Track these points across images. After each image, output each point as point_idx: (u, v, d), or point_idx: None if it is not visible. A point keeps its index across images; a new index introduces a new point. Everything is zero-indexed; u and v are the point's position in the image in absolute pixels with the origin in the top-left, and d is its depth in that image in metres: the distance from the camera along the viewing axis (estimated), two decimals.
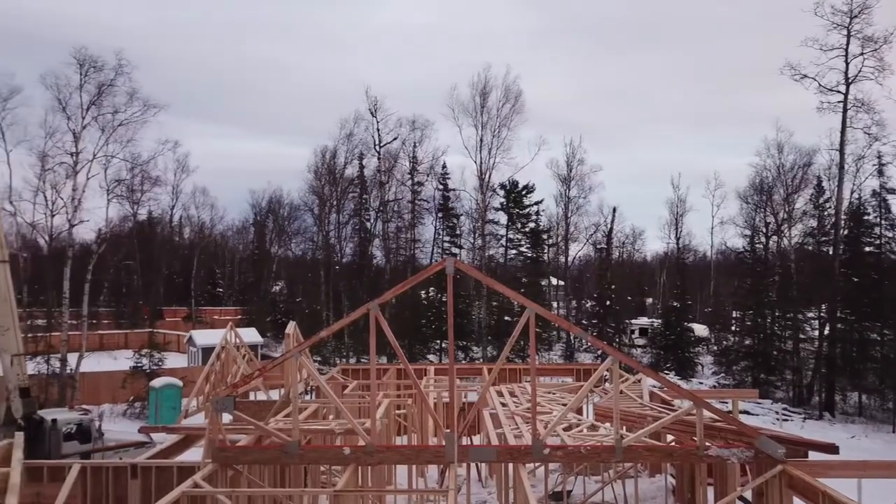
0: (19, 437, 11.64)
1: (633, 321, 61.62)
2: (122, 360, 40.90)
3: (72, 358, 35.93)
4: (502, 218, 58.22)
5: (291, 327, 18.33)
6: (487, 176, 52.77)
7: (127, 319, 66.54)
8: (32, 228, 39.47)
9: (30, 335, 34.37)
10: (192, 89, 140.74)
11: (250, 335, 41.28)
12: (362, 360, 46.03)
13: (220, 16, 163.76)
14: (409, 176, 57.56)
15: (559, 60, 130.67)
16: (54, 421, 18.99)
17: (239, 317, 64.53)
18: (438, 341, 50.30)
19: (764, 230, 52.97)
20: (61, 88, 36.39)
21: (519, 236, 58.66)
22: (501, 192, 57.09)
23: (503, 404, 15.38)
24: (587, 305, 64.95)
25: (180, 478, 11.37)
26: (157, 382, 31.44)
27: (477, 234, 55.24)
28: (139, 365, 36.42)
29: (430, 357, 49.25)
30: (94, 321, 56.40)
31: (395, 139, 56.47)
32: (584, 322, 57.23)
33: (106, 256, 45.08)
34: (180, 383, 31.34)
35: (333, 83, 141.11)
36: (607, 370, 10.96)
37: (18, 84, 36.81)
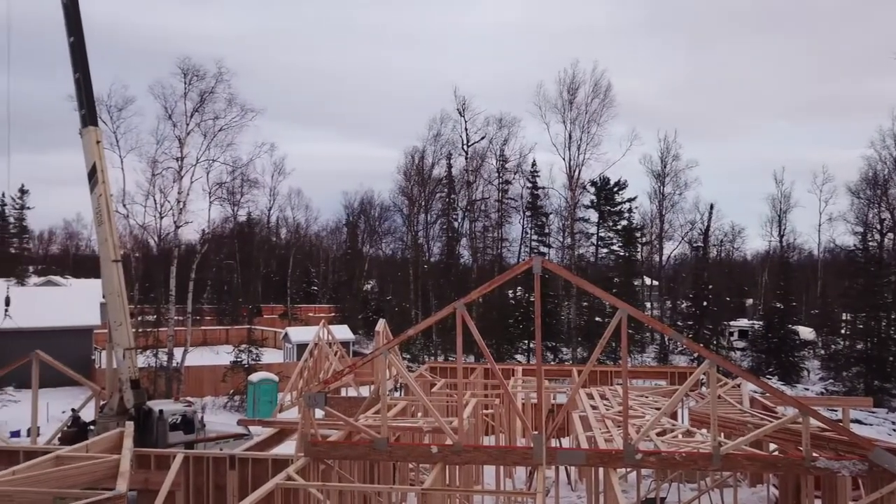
0: (130, 426, 12.35)
1: (732, 323, 58.94)
2: (223, 355, 42.88)
3: (177, 352, 38.03)
4: (593, 216, 57.08)
5: (381, 325, 18.62)
6: (577, 173, 51.91)
7: (228, 316, 69.74)
8: (143, 230, 42.02)
9: (140, 330, 36.53)
10: (288, 94, 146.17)
11: (342, 332, 42.33)
12: (450, 359, 46.29)
13: (311, 23, 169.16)
14: (497, 174, 57.41)
15: (650, 52, 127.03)
16: (161, 412, 20.05)
17: (332, 314, 66.35)
18: (526, 341, 49.88)
19: (878, 227, 49.40)
20: (168, 98, 38.60)
21: (610, 234, 57.31)
22: (592, 190, 55.97)
23: (593, 407, 15.02)
24: (682, 306, 62.62)
25: (275, 470, 11.74)
26: (254, 377, 32.71)
27: (566, 233, 54.37)
28: (238, 360, 38.09)
29: (518, 357, 48.91)
30: (198, 317, 59.41)
31: (482, 138, 56.49)
32: (679, 324, 55.21)
33: (208, 256, 47.45)
34: (276, 378, 32.48)
35: (423, 85, 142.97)
36: (704, 374, 10.47)
37: (131, 95, 39.10)
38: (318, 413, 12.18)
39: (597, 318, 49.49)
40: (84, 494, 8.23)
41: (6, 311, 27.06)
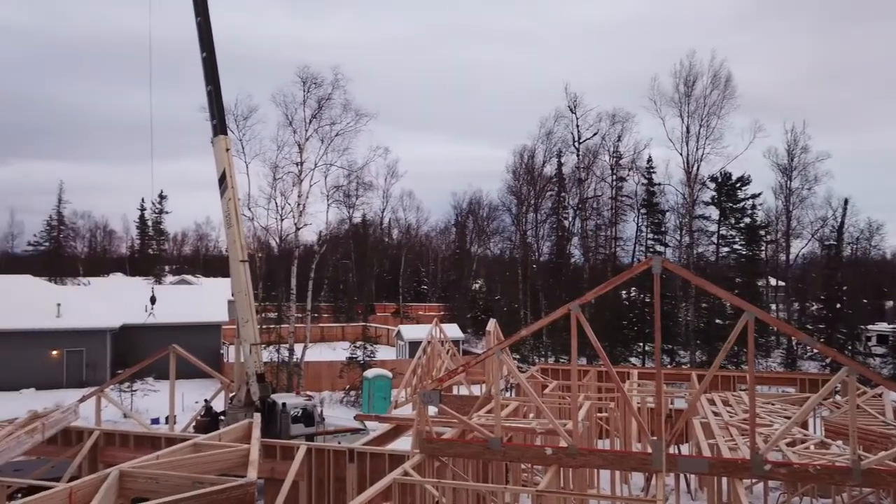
0: (257, 417, 13.08)
1: (871, 327, 54.47)
2: (339, 351, 44.49)
3: (297, 348, 39.84)
4: (713, 213, 54.33)
5: (492, 325, 18.63)
6: (695, 168, 49.72)
7: (343, 314, 72.31)
8: (266, 231, 44.31)
9: (263, 327, 38.59)
10: (400, 98, 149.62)
11: (452, 331, 42.82)
12: (560, 360, 45.66)
13: (420, 27, 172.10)
14: (610, 171, 56.04)
15: (773, 39, 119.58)
16: (284, 405, 21.06)
17: (442, 313, 67.24)
18: (641, 344, 48.36)
19: None
20: (288, 105, 40.50)
21: (732, 232, 54.37)
22: (712, 185, 53.31)
23: (715, 413, 14.35)
24: (812, 308, 58.50)
25: (391, 465, 12.05)
26: (369, 373, 33.68)
27: (684, 231, 52.22)
28: (354, 356, 39.41)
29: (633, 360, 47.51)
30: (316, 315, 61.93)
31: (594, 135, 55.34)
32: (808, 327, 51.60)
33: (326, 256, 49.33)
34: (390, 375, 33.30)
35: (533, 84, 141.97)
36: (840, 381, 9.74)
37: (255, 104, 41.38)
38: (432, 410, 12.39)
39: (717, 321, 47.16)
40: (219, 480, 8.78)
41: (151, 308, 29.40)
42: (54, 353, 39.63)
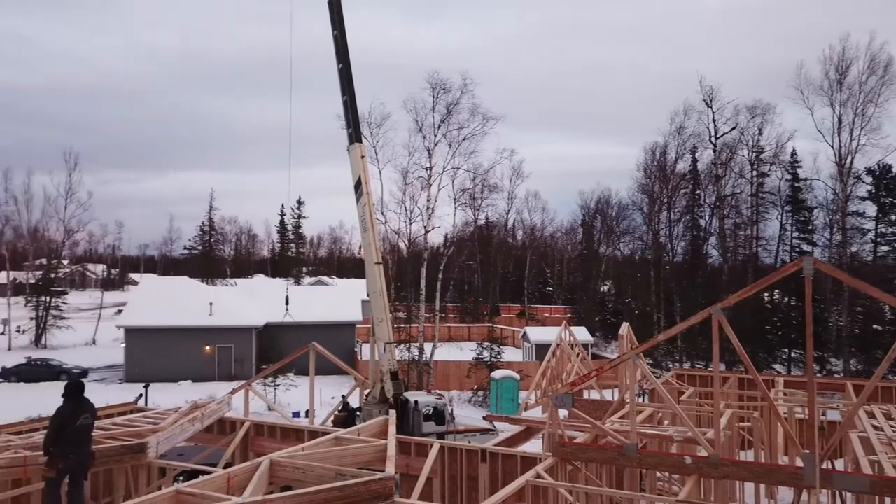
0: (393, 414, 13.47)
1: None
2: (466, 352, 45.04)
3: (427, 347, 40.75)
4: (869, 209, 49.81)
5: (625, 328, 18.18)
6: (848, 161, 45.73)
7: (469, 314, 73.11)
8: (396, 235, 45.72)
9: (394, 326, 39.79)
10: (523, 98, 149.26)
11: (581, 334, 42.09)
12: (696, 366, 43.58)
13: (536, 24, 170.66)
14: (750, 167, 52.83)
15: None
16: (416, 403, 21.57)
17: (568, 315, 66.25)
18: (786, 350, 45.19)
19: None
20: (418, 111, 41.61)
21: (893, 230, 49.59)
22: (868, 179, 48.87)
23: (876, 427, 13.15)
24: None
25: (523, 467, 12.04)
26: (497, 374, 33.83)
27: (835, 229, 48.22)
28: (481, 357, 39.75)
29: (776, 367, 44.50)
30: (444, 315, 63.09)
31: (732, 128, 52.37)
32: None
33: (452, 258, 50.16)
34: (517, 376, 33.27)
35: (663, 78, 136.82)
36: None
37: (388, 111, 42.92)
38: (563, 414, 12.25)
39: (874, 326, 43.18)
40: (360, 473, 9.15)
41: (287, 309, 31.21)
42: (207, 348, 43.05)
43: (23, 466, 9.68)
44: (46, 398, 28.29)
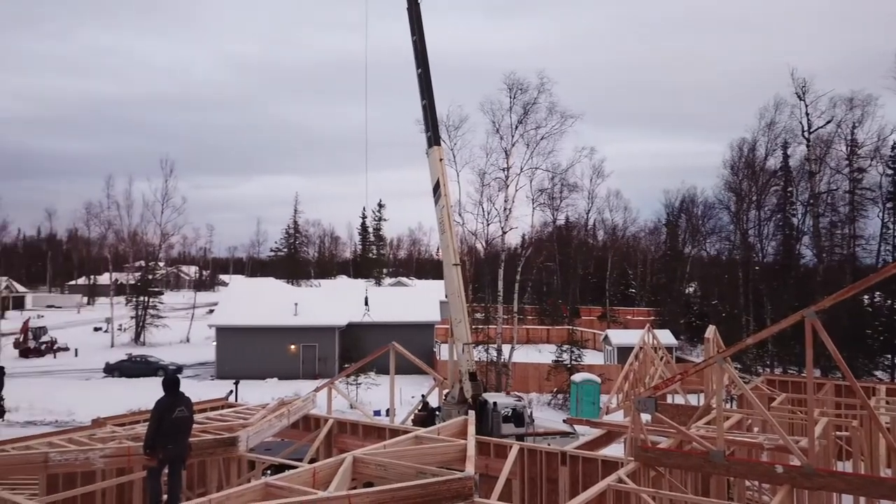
0: (472, 414, 13.54)
1: None
2: (545, 354, 44.64)
3: (505, 348, 40.66)
4: None
5: (711, 332, 17.59)
6: None
7: (548, 316, 72.38)
8: (474, 236, 45.85)
9: (472, 327, 39.88)
10: (603, 95, 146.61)
11: (665, 337, 40.94)
12: (789, 371, 41.59)
13: (615, 20, 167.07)
14: (847, 162, 49.94)
15: None
16: (495, 404, 21.62)
17: (651, 318, 64.57)
18: (889, 356, 42.47)
19: None
20: (495, 112, 41.56)
21: None
22: None
23: None
24: None
25: (605, 471, 11.86)
26: (577, 377, 33.38)
27: None
28: (560, 359, 39.31)
29: (878, 374, 41.89)
30: (522, 316, 62.73)
31: (828, 122, 49.65)
32: None
33: (531, 259, 49.83)
34: (598, 379, 32.72)
35: (750, 71, 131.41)
36: None
37: (465, 113, 43.14)
38: (646, 418, 11.99)
39: None
40: (440, 472, 9.26)
41: (366, 310, 31.95)
42: (292, 347, 44.49)
43: (127, 456, 10.32)
44: (145, 392, 30.00)
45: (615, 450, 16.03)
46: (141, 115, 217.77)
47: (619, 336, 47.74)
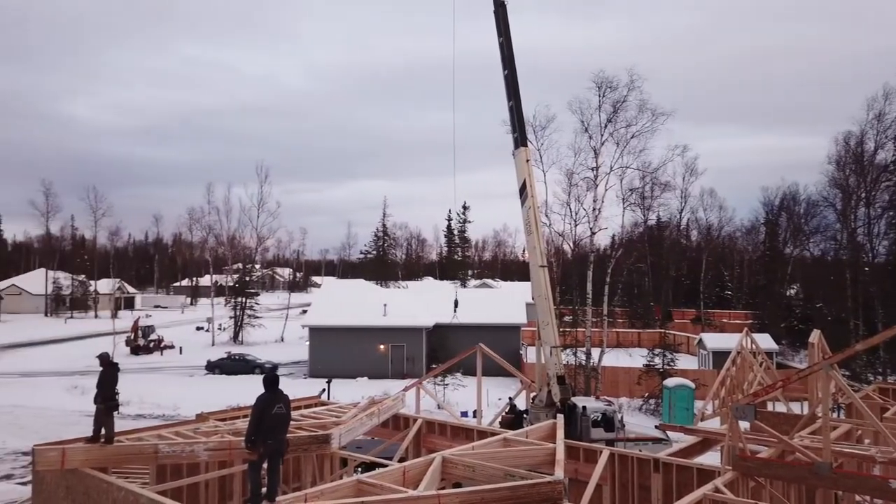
0: (560, 418, 13.41)
1: None
2: (636, 358, 43.51)
3: (594, 352, 39.93)
4: None
5: (816, 336, 16.63)
6: None
7: (639, 319, 70.51)
8: (561, 237, 45.25)
9: (560, 330, 39.37)
10: (694, 92, 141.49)
11: (764, 341, 39.05)
12: None
13: (715, 13, 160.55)
14: None
15: None
16: (584, 408, 21.31)
17: (749, 321, 61.76)
18: None
19: None
20: (584, 111, 40.86)
21: None
22: None
23: None
24: None
25: (700, 480, 11.45)
26: (669, 382, 32.38)
27: None
28: (652, 363, 38.22)
29: None
30: (611, 319, 61.41)
31: None
32: None
33: (620, 260, 48.71)
34: (692, 385, 31.62)
35: (854, 60, 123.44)
36: None
37: (552, 114, 42.49)
38: (744, 426, 11.49)
39: None
40: (528, 475, 9.23)
41: (455, 312, 32.03)
42: (381, 347, 45.39)
43: (228, 450, 10.86)
44: (244, 389, 31.46)
45: (711, 458, 15.43)
46: (235, 124, 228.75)
47: (714, 340, 45.97)
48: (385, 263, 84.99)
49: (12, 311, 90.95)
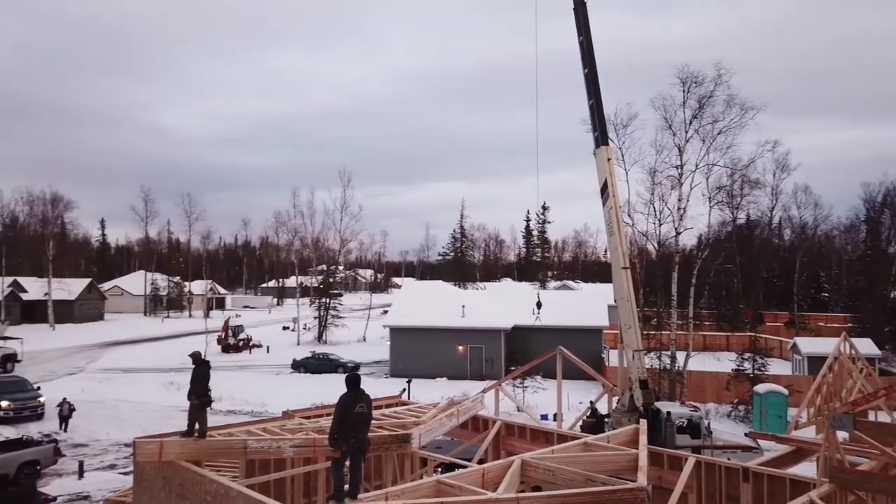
0: (643, 423, 13.09)
1: None
2: (724, 362, 41.89)
3: (679, 356, 38.70)
4: None
5: None
6: None
7: (727, 322, 67.87)
8: (644, 237, 44.07)
9: (643, 333, 38.42)
10: (788, 84, 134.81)
11: (865, 346, 36.76)
12: None
13: (790, 4, 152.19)
14: None
15: None
16: (669, 413, 20.68)
17: (848, 325, 58.35)
18: None
19: None
20: (667, 108, 39.64)
21: None
22: None
23: None
24: None
25: (793, 491, 10.93)
26: (760, 388, 31.02)
27: None
28: (741, 368, 36.71)
29: None
30: (698, 322, 59.37)
31: None
32: None
33: (707, 261, 47.02)
34: (785, 391, 30.16)
35: None
36: None
37: (634, 112, 41.44)
38: (841, 436, 10.88)
39: None
40: (610, 480, 9.06)
41: (537, 313, 31.87)
42: (460, 348, 45.58)
43: (313, 447, 11.18)
44: (327, 388, 32.29)
45: (805, 469, 14.67)
46: (319, 129, 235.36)
47: (809, 344, 43.66)
48: (463, 265, 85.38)
49: (115, 311, 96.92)
